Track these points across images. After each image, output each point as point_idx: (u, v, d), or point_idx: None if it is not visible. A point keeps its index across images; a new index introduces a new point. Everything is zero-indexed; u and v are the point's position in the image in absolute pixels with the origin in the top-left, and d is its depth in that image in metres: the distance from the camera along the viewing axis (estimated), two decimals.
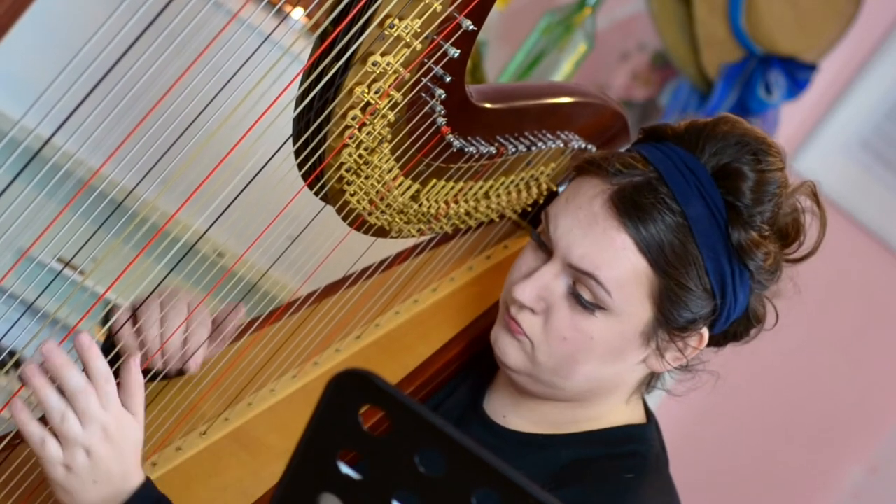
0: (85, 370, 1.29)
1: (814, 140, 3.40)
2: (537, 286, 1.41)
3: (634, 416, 1.50)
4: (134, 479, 1.30)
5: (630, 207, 1.36)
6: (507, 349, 1.45)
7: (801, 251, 1.44)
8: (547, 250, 1.42)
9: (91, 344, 1.28)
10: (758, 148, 1.39)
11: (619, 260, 1.37)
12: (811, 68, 3.11)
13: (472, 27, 1.33)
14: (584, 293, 1.38)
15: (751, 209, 1.37)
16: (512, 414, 1.51)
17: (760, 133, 1.41)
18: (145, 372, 1.44)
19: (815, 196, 1.44)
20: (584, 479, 1.43)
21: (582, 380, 1.43)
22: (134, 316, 1.44)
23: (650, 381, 1.49)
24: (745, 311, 1.43)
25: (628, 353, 1.42)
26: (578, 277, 1.39)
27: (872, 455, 3.50)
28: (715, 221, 1.37)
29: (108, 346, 1.46)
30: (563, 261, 1.39)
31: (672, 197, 1.36)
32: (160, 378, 1.47)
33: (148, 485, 1.32)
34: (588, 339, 1.40)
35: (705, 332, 1.41)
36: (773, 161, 1.39)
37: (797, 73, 3.11)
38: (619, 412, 1.49)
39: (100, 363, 1.28)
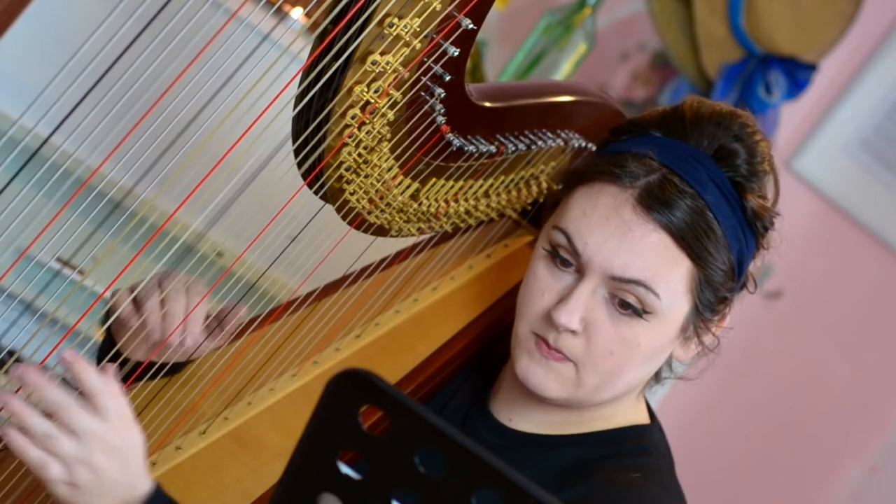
0: (79, 386, 1.24)
1: (814, 140, 3.40)
2: (580, 306, 1.39)
3: (639, 416, 1.51)
4: (141, 486, 1.26)
5: (660, 205, 1.37)
6: (547, 383, 1.43)
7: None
8: (570, 266, 1.41)
9: (75, 358, 1.23)
10: (733, 123, 1.42)
11: (662, 260, 1.37)
12: (811, 68, 3.11)
13: (471, 26, 1.33)
14: (631, 300, 1.38)
15: (750, 181, 1.41)
16: (519, 416, 1.51)
17: (724, 107, 1.44)
18: (150, 366, 1.43)
19: (769, 153, 1.48)
20: (591, 478, 1.42)
21: (622, 388, 1.44)
22: (135, 300, 1.43)
23: (659, 373, 1.49)
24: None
25: (666, 350, 1.44)
26: (622, 287, 1.38)
27: (872, 455, 3.50)
28: (728, 200, 1.40)
29: (110, 344, 1.46)
30: (603, 275, 1.38)
31: (690, 186, 1.38)
32: (165, 372, 1.46)
33: (157, 492, 1.27)
34: (635, 346, 1.40)
35: (728, 310, 1.45)
36: (750, 130, 1.43)
37: (797, 73, 3.11)
38: (627, 412, 1.49)
39: (89, 375, 1.23)
